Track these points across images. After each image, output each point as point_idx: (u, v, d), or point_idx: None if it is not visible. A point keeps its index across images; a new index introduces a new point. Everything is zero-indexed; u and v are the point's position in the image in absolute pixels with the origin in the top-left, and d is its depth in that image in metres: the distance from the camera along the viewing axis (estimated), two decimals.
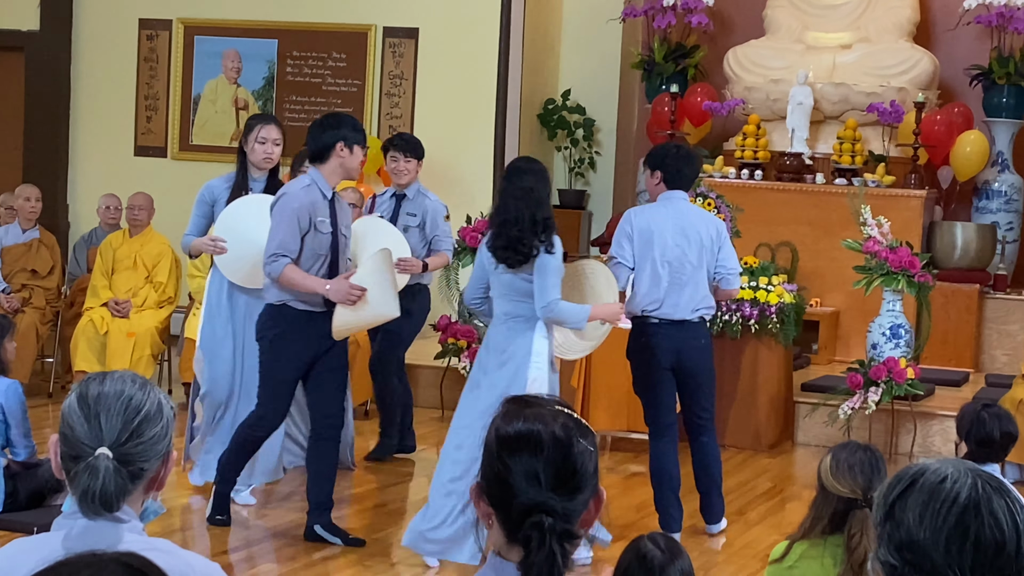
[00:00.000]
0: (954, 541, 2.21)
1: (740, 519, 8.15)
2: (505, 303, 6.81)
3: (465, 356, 10.45)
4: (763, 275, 9.94)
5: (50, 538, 2.70)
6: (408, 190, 9.20)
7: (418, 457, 9.56)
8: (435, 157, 12.89)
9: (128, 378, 2.74)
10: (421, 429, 10.11)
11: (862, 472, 4.34)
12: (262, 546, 7.25)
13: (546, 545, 2.41)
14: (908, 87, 12.49)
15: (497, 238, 6.74)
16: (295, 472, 8.63)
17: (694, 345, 7.49)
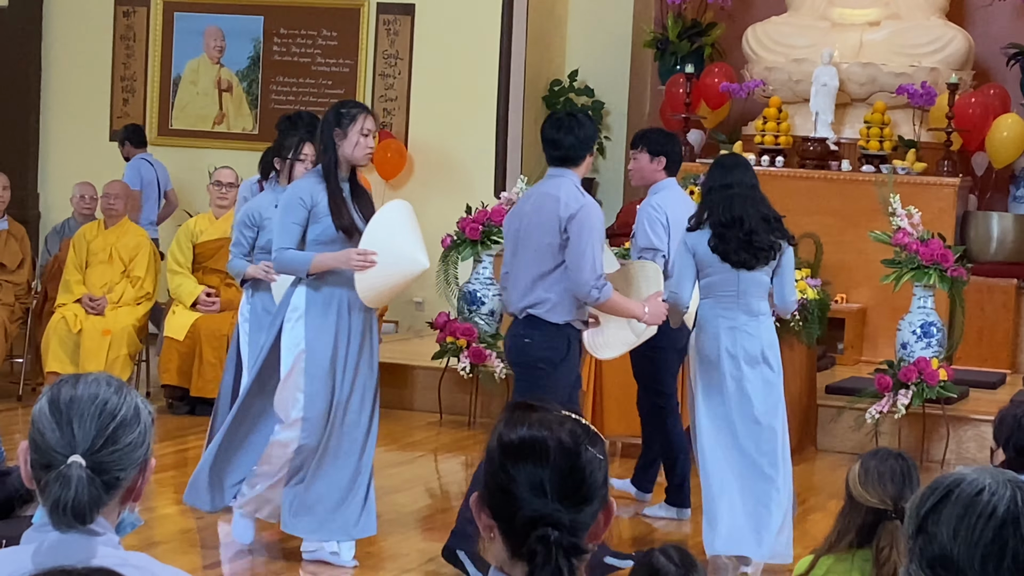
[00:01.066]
0: (991, 558, 2.21)
1: None
2: (754, 301, 7.08)
3: (465, 356, 10.43)
4: None
5: (19, 552, 2.70)
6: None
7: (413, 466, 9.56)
8: (432, 142, 12.92)
9: (103, 380, 2.74)
10: (417, 435, 10.13)
11: (893, 481, 4.34)
12: (245, 562, 7.25)
13: (552, 560, 2.41)
14: (940, 67, 12.47)
15: (727, 240, 6.97)
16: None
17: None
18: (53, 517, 2.67)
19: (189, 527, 7.82)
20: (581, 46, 14.01)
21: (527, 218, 6.92)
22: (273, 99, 13.30)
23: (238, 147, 13.20)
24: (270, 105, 13.33)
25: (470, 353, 10.45)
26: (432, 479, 9.58)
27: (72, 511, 2.65)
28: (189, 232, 10.96)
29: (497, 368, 10.41)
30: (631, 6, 13.81)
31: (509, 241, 7.14)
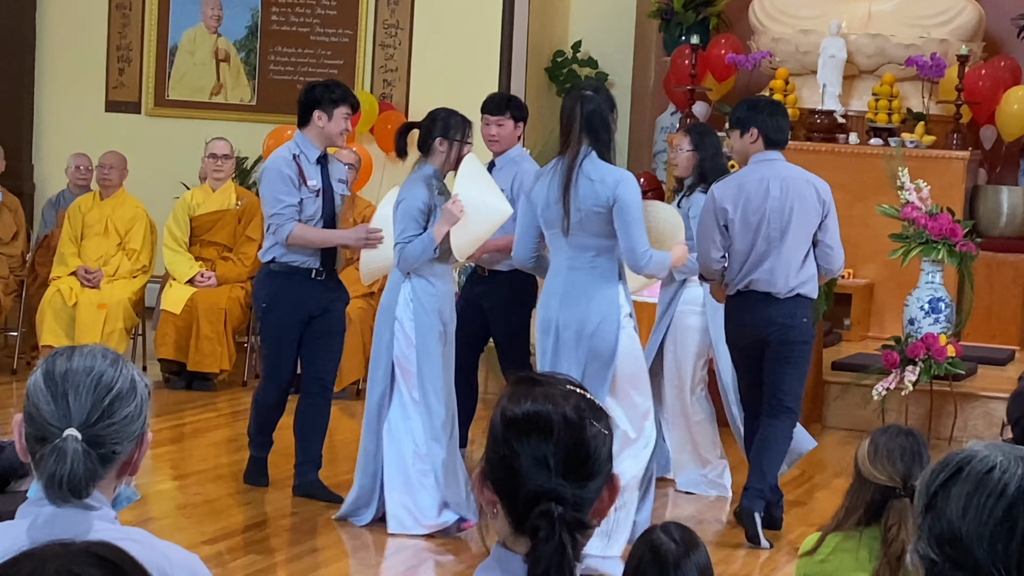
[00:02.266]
0: (1000, 537, 2.20)
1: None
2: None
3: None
4: None
5: (14, 527, 2.70)
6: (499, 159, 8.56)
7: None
8: None
9: (99, 353, 2.73)
10: None
11: (902, 459, 4.33)
12: (244, 536, 7.26)
13: (555, 536, 2.41)
14: (950, 39, 12.45)
15: None
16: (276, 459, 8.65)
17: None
18: (48, 491, 2.67)
19: (186, 502, 7.84)
20: (585, 16, 13.98)
21: (787, 202, 7.42)
22: (271, 69, 13.28)
23: (236, 118, 13.19)
24: (268, 76, 13.30)
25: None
26: None
27: (68, 485, 2.64)
28: (186, 205, 10.97)
29: None
30: None
31: (753, 224, 7.43)
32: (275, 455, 8.82)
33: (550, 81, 13.74)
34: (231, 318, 10.64)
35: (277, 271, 7.88)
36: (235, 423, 9.81)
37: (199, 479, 8.32)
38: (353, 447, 7.84)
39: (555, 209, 6.85)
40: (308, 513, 7.71)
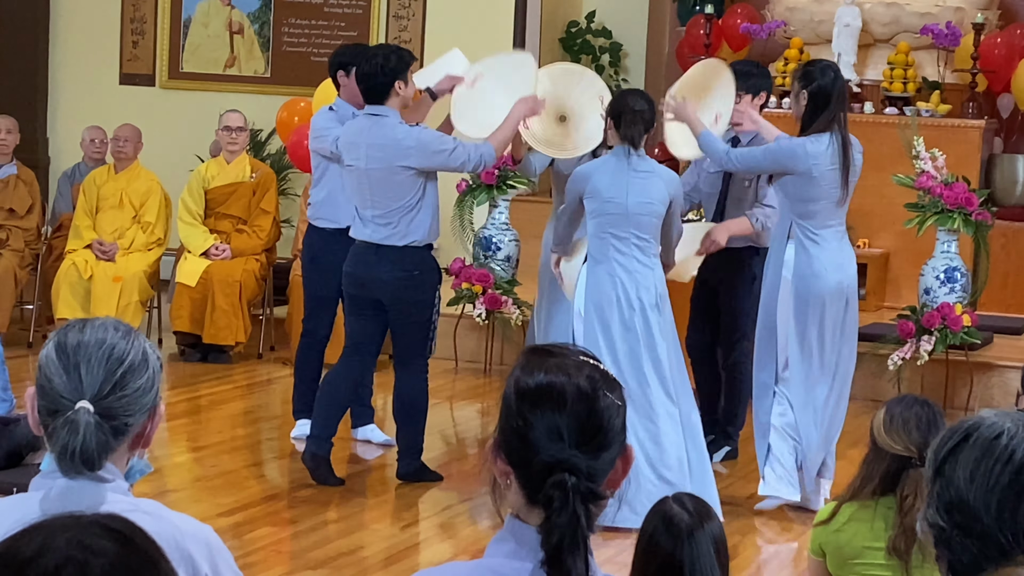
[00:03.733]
0: (1007, 503, 2.20)
1: None
2: None
3: (480, 303, 10.43)
4: None
5: (27, 499, 2.70)
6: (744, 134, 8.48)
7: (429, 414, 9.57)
8: None
9: (111, 325, 2.73)
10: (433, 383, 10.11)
11: (918, 428, 4.33)
12: (260, 508, 7.28)
13: (569, 506, 2.41)
14: (966, 7, 12.40)
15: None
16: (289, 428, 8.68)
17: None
18: (61, 464, 2.67)
19: (202, 474, 7.87)
20: None
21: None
22: (285, 41, 13.26)
23: (250, 90, 13.19)
24: (282, 48, 13.29)
25: (486, 300, 10.45)
26: (448, 427, 9.59)
27: (80, 457, 2.64)
28: (201, 178, 10.97)
29: (513, 314, 10.41)
30: None
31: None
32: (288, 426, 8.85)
33: (564, 52, 13.71)
34: (246, 290, 10.65)
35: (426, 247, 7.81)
36: (251, 395, 9.86)
37: (215, 451, 8.34)
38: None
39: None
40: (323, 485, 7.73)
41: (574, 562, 2.40)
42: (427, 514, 7.30)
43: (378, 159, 7.52)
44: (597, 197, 7.19)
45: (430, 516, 7.27)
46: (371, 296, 7.65)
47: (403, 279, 7.57)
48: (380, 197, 7.57)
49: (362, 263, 7.65)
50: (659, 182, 7.23)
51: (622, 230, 7.19)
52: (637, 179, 7.18)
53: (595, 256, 7.27)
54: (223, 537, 2.78)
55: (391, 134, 7.54)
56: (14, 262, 10.91)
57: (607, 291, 7.20)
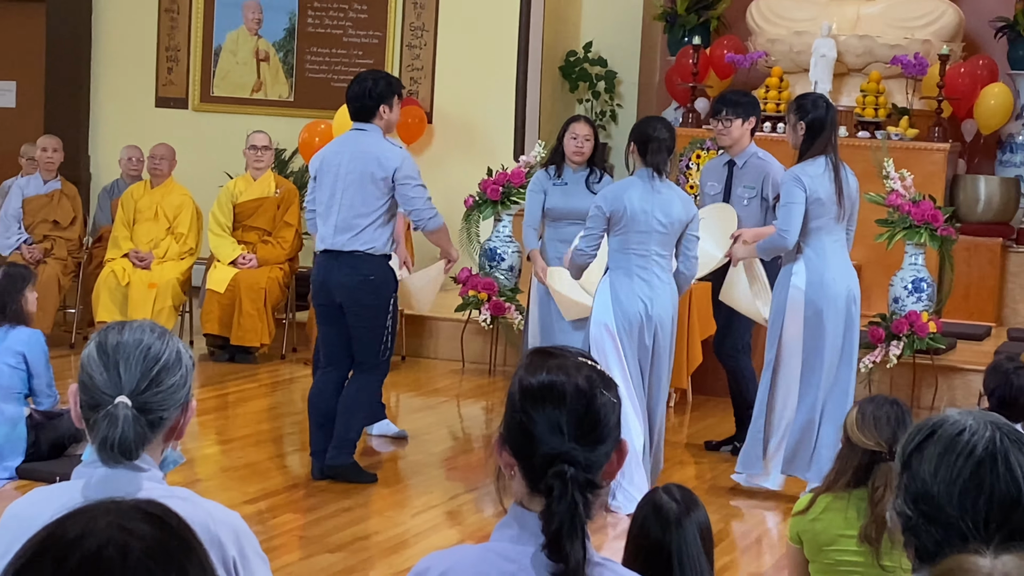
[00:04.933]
0: (968, 494, 2.19)
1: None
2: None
3: (485, 308, 10.43)
4: None
5: (70, 486, 2.70)
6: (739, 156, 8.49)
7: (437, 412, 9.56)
8: (455, 110, 12.89)
9: (147, 327, 2.73)
10: (441, 382, 10.14)
11: (888, 425, 4.33)
12: (282, 496, 7.27)
13: (568, 495, 2.41)
14: (932, 39, 12.39)
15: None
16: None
17: None
18: (101, 454, 2.67)
19: (230, 465, 7.86)
20: (595, 19, 13.94)
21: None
22: (307, 68, 13.27)
23: (275, 113, 13.20)
24: (305, 74, 13.30)
25: (490, 306, 10.45)
26: (455, 423, 9.59)
27: (119, 448, 2.64)
28: (230, 193, 10.98)
29: (516, 319, 10.41)
30: None
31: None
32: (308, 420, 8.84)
33: (563, 79, 13.72)
34: (271, 296, 10.65)
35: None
36: (274, 393, 9.85)
37: (241, 444, 8.34)
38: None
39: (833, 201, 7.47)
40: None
41: (572, 546, 2.40)
42: (436, 502, 7.29)
43: (358, 165, 7.46)
44: (626, 215, 7.19)
45: (439, 504, 7.26)
46: (335, 301, 7.55)
47: (360, 283, 7.48)
48: (348, 202, 7.45)
49: (323, 269, 7.56)
50: (678, 202, 7.24)
51: (645, 248, 7.18)
52: (661, 199, 7.18)
53: (618, 271, 7.25)
54: (248, 523, 2.77)
55: (376, 146, 7.49)
56: (58, 269, 10.92)
57: (629, 306, 7.18)
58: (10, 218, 11.07)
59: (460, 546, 2.53)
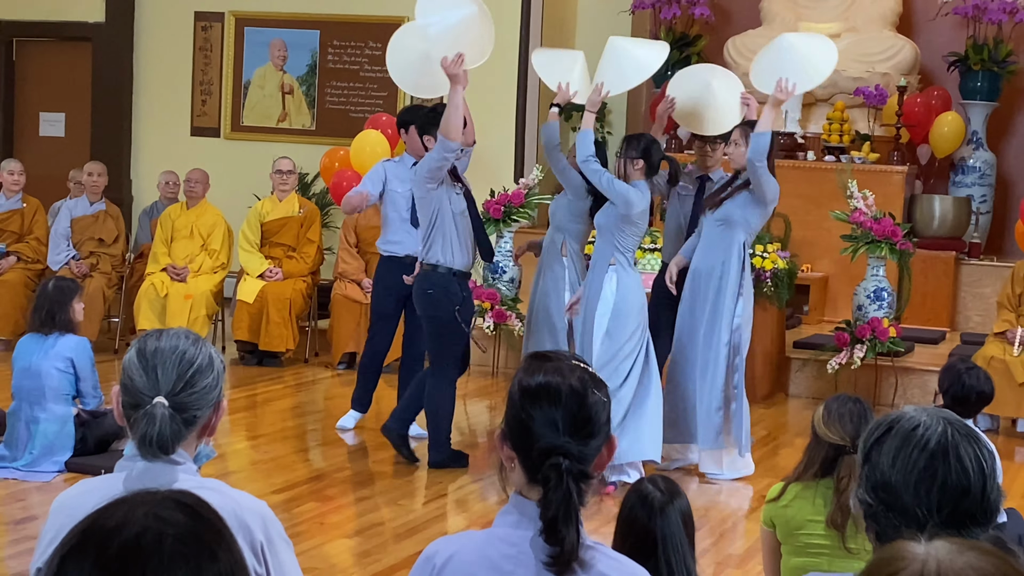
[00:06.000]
0: (922, 483, 2.19)
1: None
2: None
3: (489, 316, 10.43)
4: (759, 243, 9.89)
5: (113, 478, 2.70)
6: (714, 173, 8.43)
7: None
8: None
9: (182, 334, 2.73)
10: None
11: (851, 421, 4.32)
12: (304, 487, 7.27)
13: (563, 484, 2.41)
14: (891, 72, 12.40)
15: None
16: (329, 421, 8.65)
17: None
18: (141, 449, 2.66)
19: (258, 459, 7.86)
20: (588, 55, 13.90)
21: None
22: (328, 100, 13.27)
23: (298, 141, 13.20)
24: (325, 105, 13.30)
25: (493, 314, 10.45)
26: (461, 420, 9.56)
27: (157, 444, 2.64)
28: (257, 213, 10.99)
29: (516, 326, 10.40)
30: (630, 20, 13.74)
31: None
32: (330, 419, 8.83)
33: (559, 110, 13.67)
34: (295, 306, 10.65)
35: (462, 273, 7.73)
36: (298, 393, 9.84)
37: (269, 439, 8.33)
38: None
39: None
40: (359, 468, 7.72)
41: (567, 531, 2.40)
42: (445, 492, 7.29)
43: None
44: (642, 218, 7.37)
45: (447, 493, 7.26)
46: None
47: (420, 295, 7.57)
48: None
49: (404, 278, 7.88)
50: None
51: (637, 246, 7.59)
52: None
53: (626, 265, 7.36)
54: (274, 510, 2.77)
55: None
56: (103, 283, 10.92)
57: (640, 294, 7.35)
58: (60, 236, 11.07)
59: (466, 532, 2.52)
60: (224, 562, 1.53)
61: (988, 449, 2.27)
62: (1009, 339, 9.37)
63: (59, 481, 7.06)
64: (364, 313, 10.38)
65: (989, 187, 12.77)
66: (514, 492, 2.50)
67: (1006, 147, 13.15)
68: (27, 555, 5.76)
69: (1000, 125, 13.07)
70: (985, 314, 11.58)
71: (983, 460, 2.22)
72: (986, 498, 2.20)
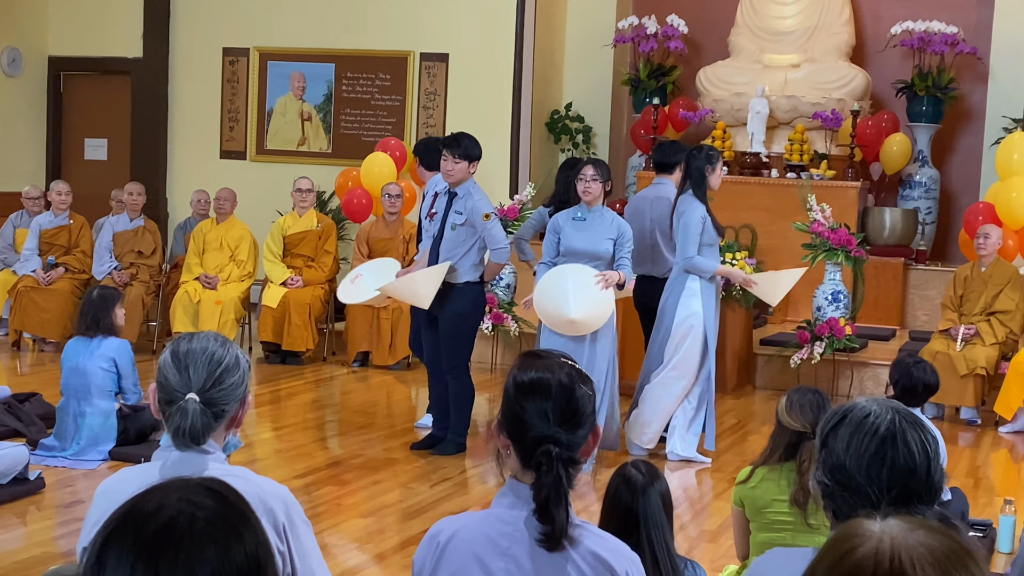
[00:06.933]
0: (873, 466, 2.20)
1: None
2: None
3: (488, 318, 10.41)
4: (729, 251, 9.89)
5: (151, 466, 2.70)
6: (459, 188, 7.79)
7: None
8: None
9: (211, 337, 2.73)
10: None
11: (811, 410, 4.33)
12: (323, 473, 7.26)
13: (554, 469, 2.41)
14: (846, 98, 12.41)
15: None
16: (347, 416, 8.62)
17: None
18: (175, 440, 2.66)
19: (281, 447, 7.84)
20: (574, 84, 13.96)
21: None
22: (342, 126, 13.27)
23: (316, 163, 13.20)
24: (340, 130, 13.30)
25: (491, 316, 10.44)
26: None
27: (189, 435, 2.64)
28: (280, 227, 10.98)
29: (512, 328, 10.39)
30: (612, 54, 13.76)
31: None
32: (345, 411, 8.82)
33: (549, 132, 13.73)
34: (314, 310, 10.63)
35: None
36: (317, 388, 9.83)
37: (291, 430, 8.32)
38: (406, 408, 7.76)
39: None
40: (372, 455, 7.70)
41: (557, 511, 2.40)
42: (448, 476, 7.28)
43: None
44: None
45: (451, 477, 7.25)
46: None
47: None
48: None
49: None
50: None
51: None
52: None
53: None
54: (296, 495, 2.77)
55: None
56: (142, 291, 10.91)
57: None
58: (103, 249, 11.07)
59: (467, 512, 2.52)
60: (249, 542, 1.53)
61: (932, 435, 2.28)
62: (952, 336, 9.38)
63: (103, 468, 7.05)
64: (376, 316, 10.38)
65: (934, 200, 12.78)
66: (510, 476, 2.50)
67: (949, 164, 13.16)
68: (75, 535, 5.75)
69: (943, 145, 13.09)
70: (931, 314, 11.59)
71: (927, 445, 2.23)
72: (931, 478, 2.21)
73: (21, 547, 5.71)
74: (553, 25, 13.62)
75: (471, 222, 7.52)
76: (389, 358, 10.43)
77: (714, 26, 13.48)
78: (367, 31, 13.05)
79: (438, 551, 2.48)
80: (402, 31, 12.95)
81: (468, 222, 7.52)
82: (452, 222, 7.56)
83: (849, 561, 1.38)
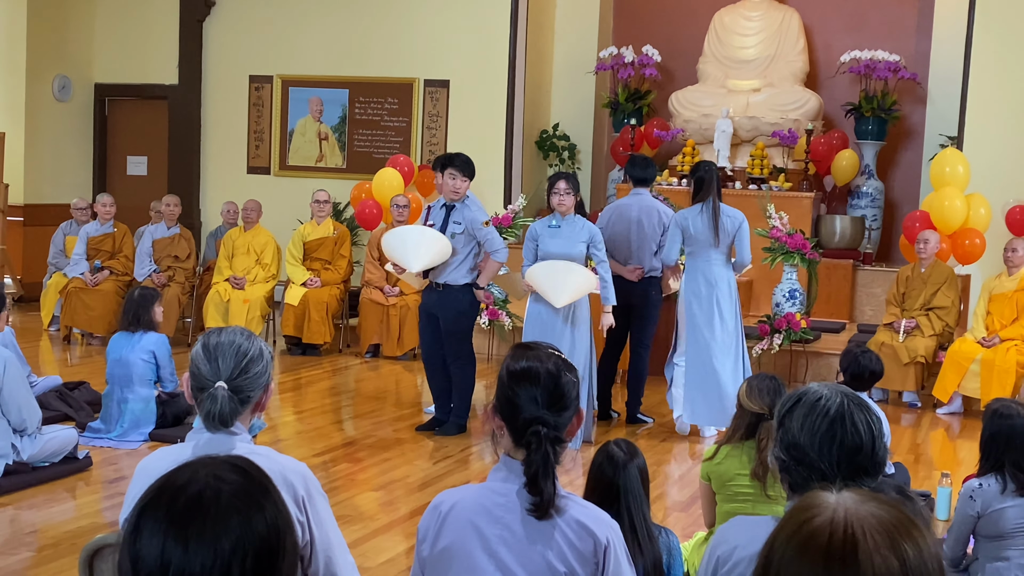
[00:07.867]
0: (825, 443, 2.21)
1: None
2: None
3: (485, 314, 10.40)
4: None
5: (185, 446, 2.70)
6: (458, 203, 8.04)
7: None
8: None
9: (238, 331, 2.73)
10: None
11: (769, 394, 4.33)
12: (339, 451, 7.25)
13: (542, 447, 2.41)
14: (801, 119, 12.42)
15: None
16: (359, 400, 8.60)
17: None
18: (206, 423, 2.66)
19: (302, 429, 7.83)
20: (561, 106, 13.96)
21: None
22: (356, 144, 13.26)
23: (332, 177, 13.18)
24: (354, 148, 13.29)
25: (488, 313, 10.43)
26: None
27: (218, 419, 2.64)
28: (300, 234, 10.97)
29: (506, 323, 10.38)
30: (594, 80, 13.76)
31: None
32: (359, 397, 8.81)
33: (538, 150, 13.73)
34: (331, 308, 10.62)
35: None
36: (333, 377, 9.81)
37: (310, 414, 8.31)
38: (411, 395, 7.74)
39: (708, 232, 7.55)
40: (383, 435, 7.69)
41: (546, 484, 2.40)
42: (450, 454, 7.27)
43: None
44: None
45: (452, 455, 7.24)
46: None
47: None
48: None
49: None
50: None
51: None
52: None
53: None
54: (313, 470, 2.76)
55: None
56: (178, 291, 10.89)
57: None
58: (143, 254, 11.05)
59: (465, 485, 2.52)
60: (269, 512, 1.53)
61: (877, 416, 2.28)
62: (895, 328, 9.39)
63: (144, 448, 7.04)
64: (386, 313, 10.37)
65: (879, 209, 12.79)
66: (503, 454, 2.49)
67: (892, 177, 13.17)
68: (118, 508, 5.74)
69: (887, 159, 13.10)
70: (877, 309, 11.59)
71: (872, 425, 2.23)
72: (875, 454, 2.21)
73: (72, 518, 5.71)
74: (542, 54, 13.62)
75: (469, 231, 7.52)
76: (397, 349, 10.42)
77: (684, 55, 13.48)
78: (377, 61, 13.04)
79: (440, 519, 2.48)
80: (408, 60, 12.94)
81: (466, 231, 7.53)
82: (451, 231, 7.55)
83: (807, 529, 1.38)
